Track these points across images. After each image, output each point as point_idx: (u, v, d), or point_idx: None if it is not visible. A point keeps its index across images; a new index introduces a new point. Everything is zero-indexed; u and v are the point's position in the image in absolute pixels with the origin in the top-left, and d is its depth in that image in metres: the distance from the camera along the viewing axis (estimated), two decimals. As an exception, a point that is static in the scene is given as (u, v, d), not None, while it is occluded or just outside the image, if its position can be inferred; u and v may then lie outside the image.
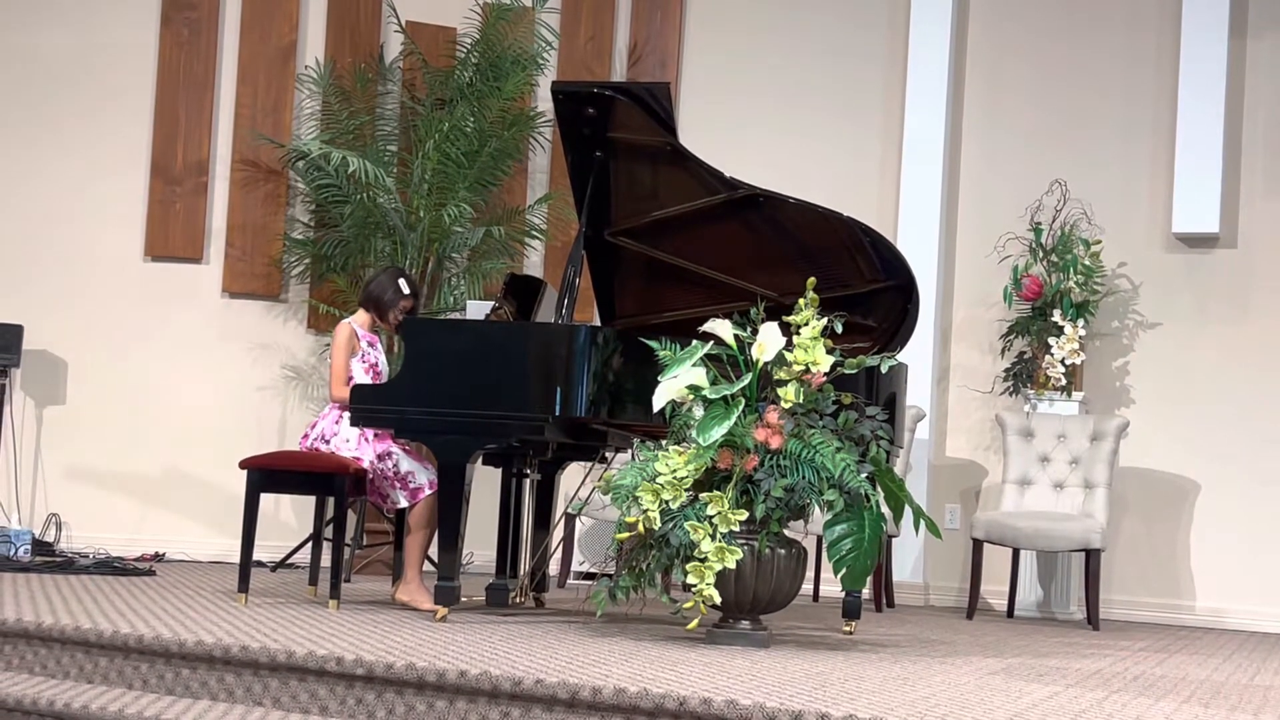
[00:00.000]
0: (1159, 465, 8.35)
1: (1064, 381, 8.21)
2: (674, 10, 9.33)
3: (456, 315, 8.59)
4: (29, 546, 7.65)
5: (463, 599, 5.93)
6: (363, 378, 6.33)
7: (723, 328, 5.28)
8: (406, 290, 6.47)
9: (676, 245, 6.34)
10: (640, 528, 5.17)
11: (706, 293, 6.34)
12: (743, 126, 9.09)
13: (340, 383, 6.30)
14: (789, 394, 5.22)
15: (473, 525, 6.79)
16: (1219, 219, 8.28)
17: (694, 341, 5.32)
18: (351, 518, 7.92)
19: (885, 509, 5.37)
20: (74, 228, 8.91)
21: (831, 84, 9.09)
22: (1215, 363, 8.35)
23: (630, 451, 6.54)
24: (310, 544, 6.86)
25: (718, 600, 5.15)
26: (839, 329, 5.37)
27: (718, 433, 5.09)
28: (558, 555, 8.29)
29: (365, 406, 5.84)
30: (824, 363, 5.25)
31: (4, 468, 8.78)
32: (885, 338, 6.14)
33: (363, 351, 6.40)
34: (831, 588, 7.70)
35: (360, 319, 6.49)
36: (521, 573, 6.63)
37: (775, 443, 5.15)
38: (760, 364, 5.26)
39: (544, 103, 8.90)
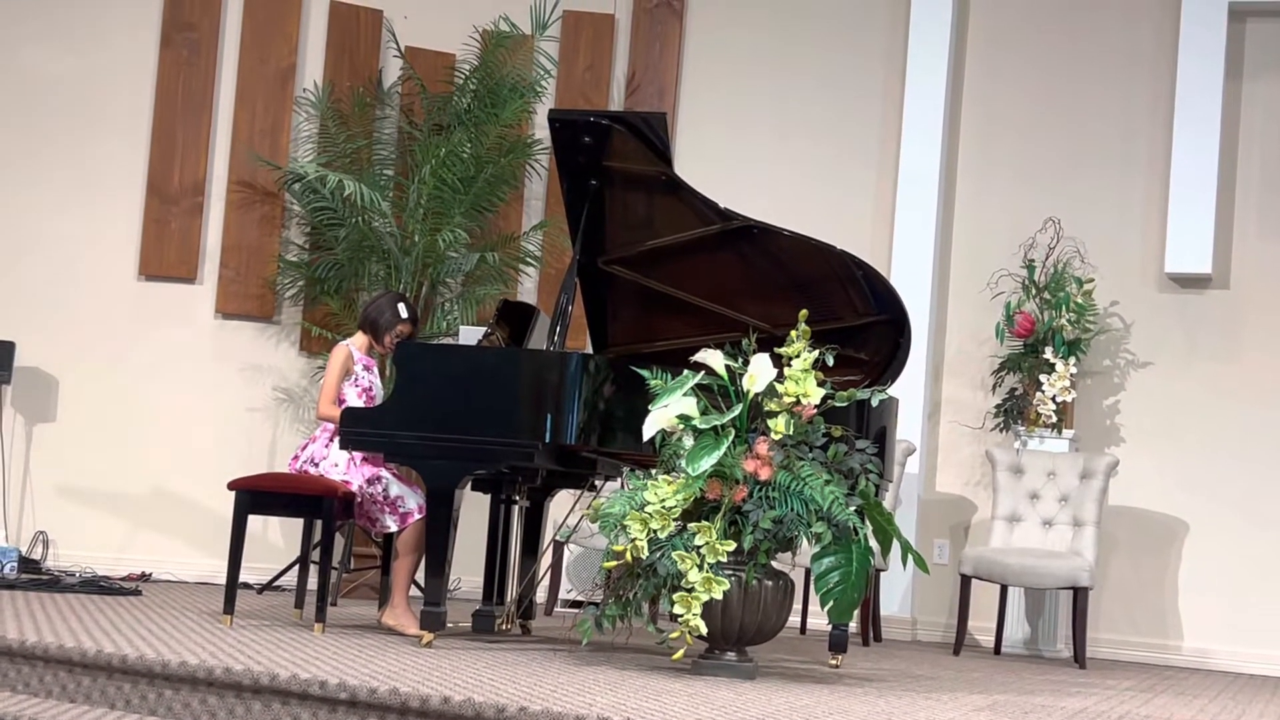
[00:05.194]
0: (1148, 504, 8.36)
1: (1055, 419, 8.22)
2: (673, 41, 9.38)
3: (449, 340, 8.59)
4: (16, 564, 7.62)
5: (449, 625, 5.92)
6: (355, 401, 6.32)
7: (714, 358, 5.28)
8: (405, 315, 6.46)
9: (670, 274, 6.35)
10: (628, 556, 5.17)
11: (699, 322, 6.35)
12: (738, 158, 9.12)
13: (328, 401, 6.31)
14: (779, 425, 5.22)
15: (461, 551, 6.78)
16: (1212, 260, 8.30)
17: (685, 371, 5.32)
18: (339, 541, 7.91)
19: (873, 543, 5.36)
20: (68, 245, 8.91)
21: (828, 117, 9.13)
22: (1206, 403, 8.36)
23: (619, 480, 6.54)
24: (297, 567, 6.85)
25: (704, 631, 5.14)
26: (830, 361, 5.37)
27: (707, 463, 5.09)
28: (545, 582, 8.27)
29: (355, 429, 5.83)
30: (815, 395, 5.26)
31: (-8, 484, 8.78)
32: (876, 371, 6.15)
33: (357, 375, 6.40)
34: (819, 621, 7.68)
35: (358, 341, 6.50)
36: (508, 599, 6.62)
37: (764, 474, 5.15)
38: (751, 395, 5.26)
39: (541, 130, 8.92)
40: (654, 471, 5.35)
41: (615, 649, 6.04)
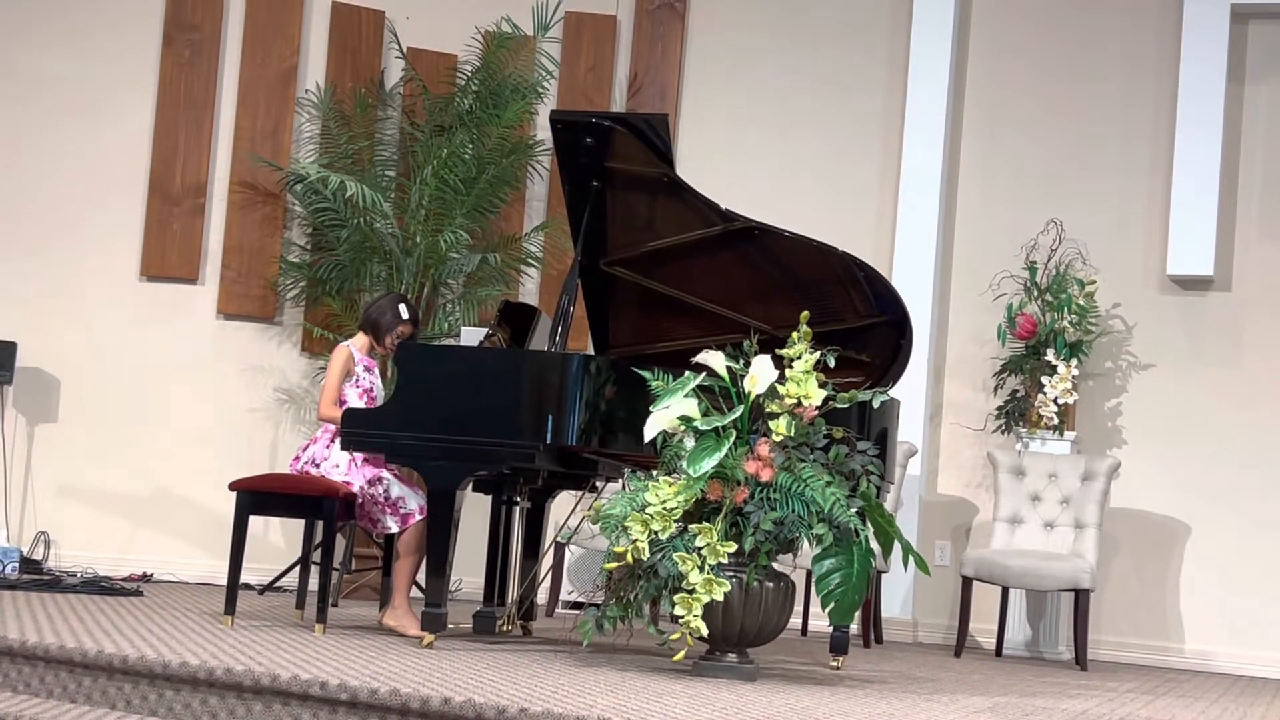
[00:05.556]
0: (1150, 506, 8.35)
1: (1056, 421, 8.22)
2: (674, 42, 9.38)
3: (451, 341, 8.59)
4: (17, 564, 7.62)
5: (450, 626, 5.92)
6: (356, 402, 6.32)
7: (715, 359, 5.28)
8: (405, 315, 6.46)
9: (671, 276, 6.35)
10: (629, 558, 5.16)
11: (701, 323, 6.35)
12: (740, 159, 9.12)
13: (329, 402, 6.31)
14: (780, 427, 5.22)
15: (462, 552, 6.78)
16: (1214, 262, 8.30)
17: (686, 372, 5.32)
18: (340, 542, 7.91)
19: (875, 544, 5.36)
20: (70, 246, 8.91)
21: (830, 119, 9.13)
22: (1208, 405, 8.35)
23: (621, 481, 6.54)
24: (298, 567, 6.85)
25: (705, 632, 5.14)
26: (832, 363, 5.37)
27: (708, 464, 5.09)
28: (546, 583, 8.27)
29: (357, 430, 5.83)
30: (816, 396, 5.25)
31: (-6, 484, 8.78)
32: (878, 373, 6.14)
33: (357, 376, 6.40)
34: (820, 622, 7.68)
35: (359, 342, 6.50)
36: (509, 600, 6.62)
37: (765, 475, 5.15)
38: (752, 396, 5.26)
39: (543, 131, 8.92)
40: (655, 473, 5.35)
41: (616, 650, 6.03)
